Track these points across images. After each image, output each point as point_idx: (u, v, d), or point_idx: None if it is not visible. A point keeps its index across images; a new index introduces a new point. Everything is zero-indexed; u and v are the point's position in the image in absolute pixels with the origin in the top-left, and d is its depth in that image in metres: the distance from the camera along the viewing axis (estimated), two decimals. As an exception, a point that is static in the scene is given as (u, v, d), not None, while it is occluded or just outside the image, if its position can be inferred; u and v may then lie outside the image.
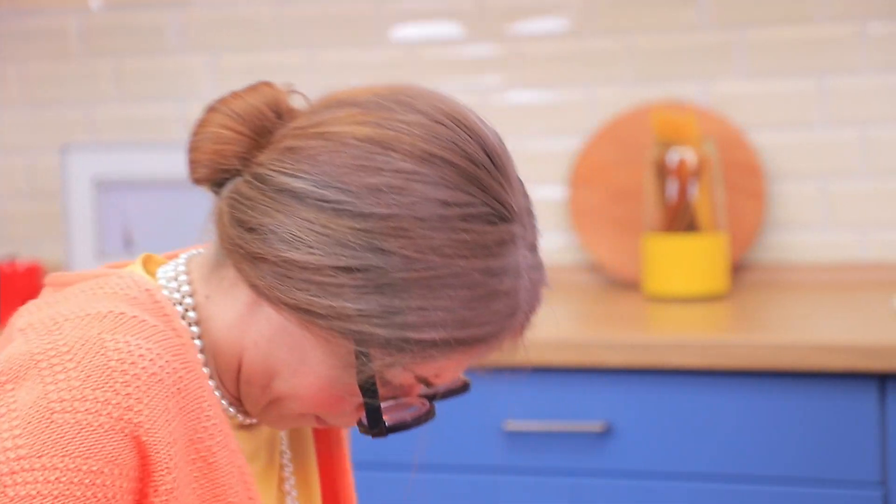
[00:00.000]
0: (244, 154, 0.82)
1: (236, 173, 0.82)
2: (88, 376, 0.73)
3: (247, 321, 0.82)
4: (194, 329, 0.84)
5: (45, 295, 0.83)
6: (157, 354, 0.76)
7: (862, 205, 2.04)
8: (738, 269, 2.06)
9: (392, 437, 1.89)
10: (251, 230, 0.79)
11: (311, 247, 0.77)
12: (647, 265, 1.95)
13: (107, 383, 0.74)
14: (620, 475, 1.64)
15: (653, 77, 2.11)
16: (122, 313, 0.77)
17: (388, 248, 0.76)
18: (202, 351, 0.84)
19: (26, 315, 0.80)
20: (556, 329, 1.90)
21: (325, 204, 0.77)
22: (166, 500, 0.75)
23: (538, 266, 0.84)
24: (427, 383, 0.83)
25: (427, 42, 2.21)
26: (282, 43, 2.24)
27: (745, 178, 2.05)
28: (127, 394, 0.74)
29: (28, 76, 2.36)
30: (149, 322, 0.78)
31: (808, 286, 2.02)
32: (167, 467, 0.75)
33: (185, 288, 0.84)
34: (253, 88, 0.83)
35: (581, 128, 2.14)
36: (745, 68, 2.08)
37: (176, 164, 2.23)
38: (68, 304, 0.79)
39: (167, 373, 0.76)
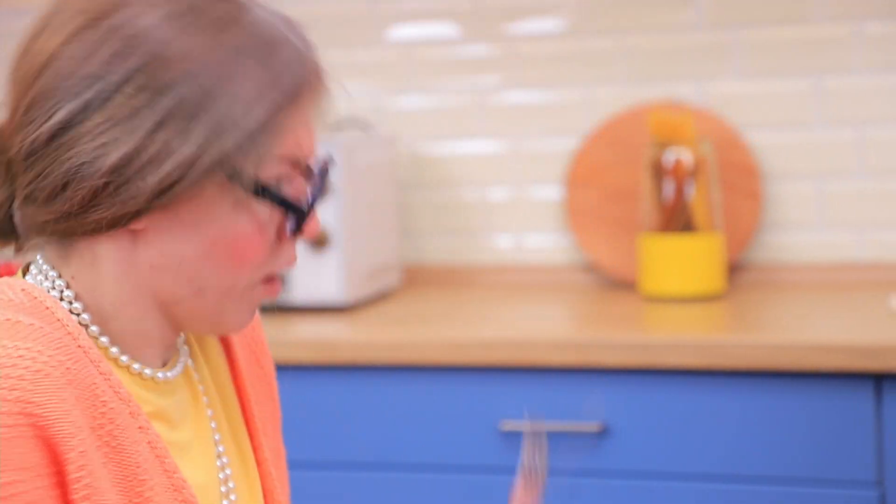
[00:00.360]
0: (4, 180, 0.83)
1: (12, 199, 0.83)
2: None
3: (130, 263, 0.82)
4: (77, 305, 0.83)
5: None
6: (38, 351, 0.76)
7: (859, 205, 2.04)
8: (735, 269, 2.06)
9: (392, 438, 1.89)
10: (66, 186, 0.79)
11: (116, 141, 0.78)
12: (644, 265, 1.95)
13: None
14: (617, 475, 1.64)
15: (649, 77, 2.11)
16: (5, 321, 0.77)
17: (170, 82, 0.78)
18: (96, 323, 0.83)
19: None
20: (552, 329, 1.90)
21: (92, 105, 0.78)
22: (76, 488, 0.75)
23: (278, 12, 0.86)
24: (299, 163, 0.84)
25: (424, 42, 2.21)
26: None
27: (741, 178, 2.05)
28: (17, 398, 0.73)
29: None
30: (23, 322, 0.77)
31: (804, 286, 2.02)
32: (69, 458, 0.75)
33: (52, 273, 0.84)
34: None
35: (578, 128, 2.14)
36: (741, 68, 2.08)
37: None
38: None
39: (52, 366, 0.76)
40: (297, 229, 0.84)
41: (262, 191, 0.81)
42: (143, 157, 0.78)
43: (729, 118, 2.07)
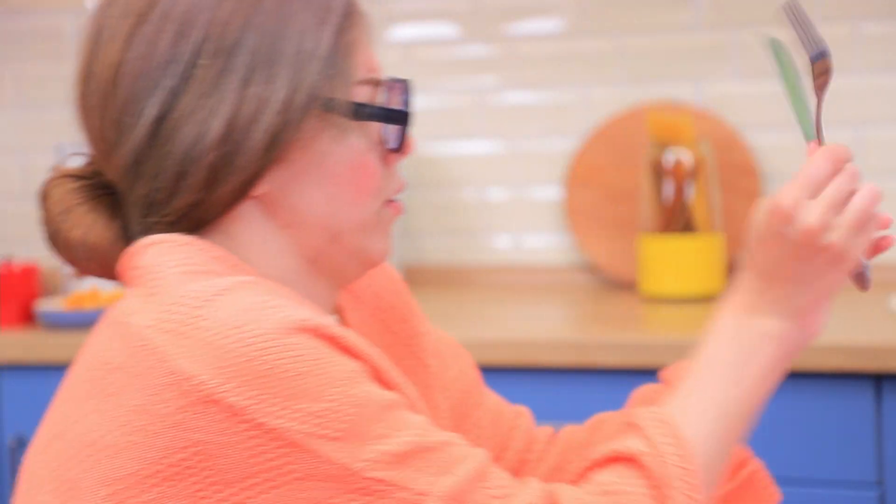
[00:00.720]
0: (114, 213, 0.84)
1: (127, 225, 0.84)
2: (279, 331, 0.73)
3: (265, 231, 0.83)
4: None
5: (129, 294, 0.80)
6: (294, 300, 0.77)
7: (858, 205, 2.04)
8: (735, 269, 2.06)
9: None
10: (182, 176, 0.80)
11: (213, 111, 0.79)
12: (644, 266, 1.95)
13: (297, 330, 0.74)
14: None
15: (648, 78, 2.11)
16: (245, 280, 0.77)
17: (237, 39, 0.80)
18: None
19: (138, 315, 0.77)
20: (552, 330, 1.90)
21: (175, 89, 0.80)
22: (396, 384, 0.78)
23: None
24: (379, 83, 0.86)
25: (423, 42, 2.21)
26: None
27: (740, 178, 2.05)
28: (313, 329, 0.74)
29: (23, 77, 2.35)
30: (263, 281, 0.79)
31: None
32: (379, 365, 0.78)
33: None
34: (54, 183, 0.88)
35: (577, 128, 2.14)
36: (739, 69, 2.08)
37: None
38: (177, 290, 0.76)
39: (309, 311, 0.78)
40: (400, 144, 0.86)
41: (359, 111, 0.83)
42: (244, 116, 0.79)
43: (728, 118, 2.06)
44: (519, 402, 1.70)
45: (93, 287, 1.97)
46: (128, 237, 0.83)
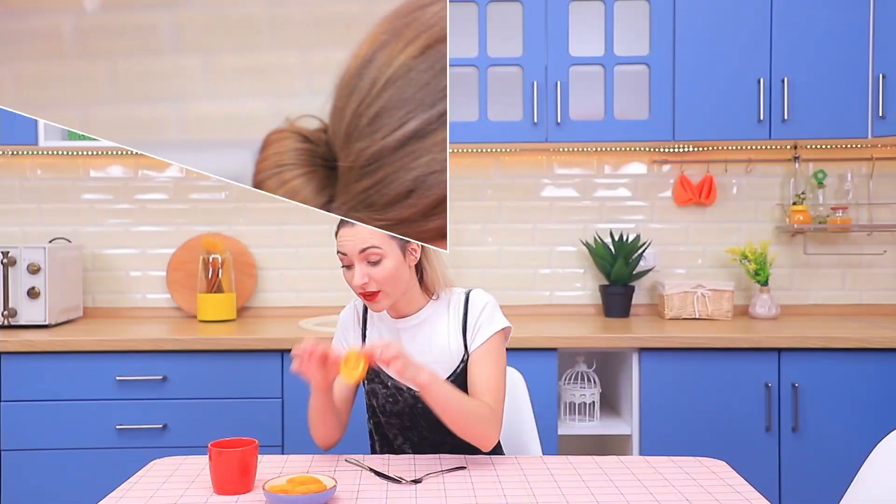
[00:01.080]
0: (324, 184, 0.84)
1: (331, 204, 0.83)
2: None
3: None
4: None
5: None
6: None
7: None
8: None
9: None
10: (410, 194, 0.81)
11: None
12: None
13: None
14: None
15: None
16: None
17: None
18: None
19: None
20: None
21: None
22: None
23: None
24: None
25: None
26: (277, 43, 2.24)
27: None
28: None
29: (22, 77, 2.35)
30: None
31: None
32: None
33: None
34: (281, 134, 0.86)
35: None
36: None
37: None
38: None
39: None
40: None
41: None
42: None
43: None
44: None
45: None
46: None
